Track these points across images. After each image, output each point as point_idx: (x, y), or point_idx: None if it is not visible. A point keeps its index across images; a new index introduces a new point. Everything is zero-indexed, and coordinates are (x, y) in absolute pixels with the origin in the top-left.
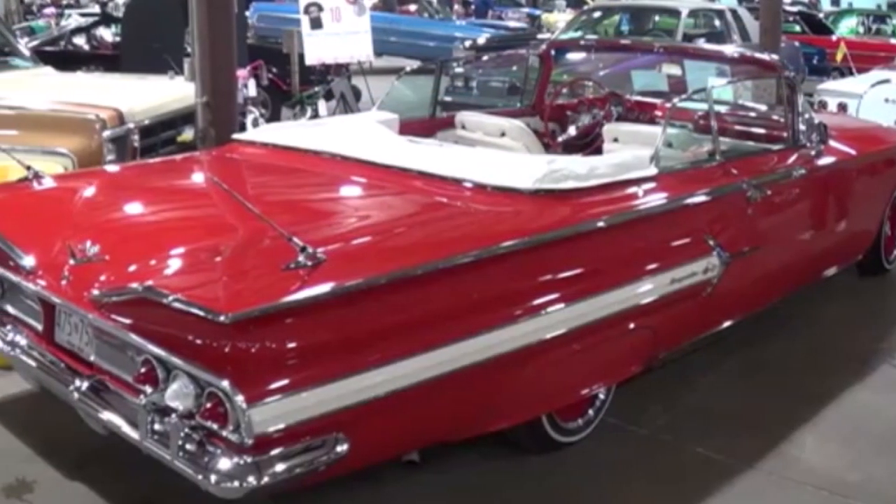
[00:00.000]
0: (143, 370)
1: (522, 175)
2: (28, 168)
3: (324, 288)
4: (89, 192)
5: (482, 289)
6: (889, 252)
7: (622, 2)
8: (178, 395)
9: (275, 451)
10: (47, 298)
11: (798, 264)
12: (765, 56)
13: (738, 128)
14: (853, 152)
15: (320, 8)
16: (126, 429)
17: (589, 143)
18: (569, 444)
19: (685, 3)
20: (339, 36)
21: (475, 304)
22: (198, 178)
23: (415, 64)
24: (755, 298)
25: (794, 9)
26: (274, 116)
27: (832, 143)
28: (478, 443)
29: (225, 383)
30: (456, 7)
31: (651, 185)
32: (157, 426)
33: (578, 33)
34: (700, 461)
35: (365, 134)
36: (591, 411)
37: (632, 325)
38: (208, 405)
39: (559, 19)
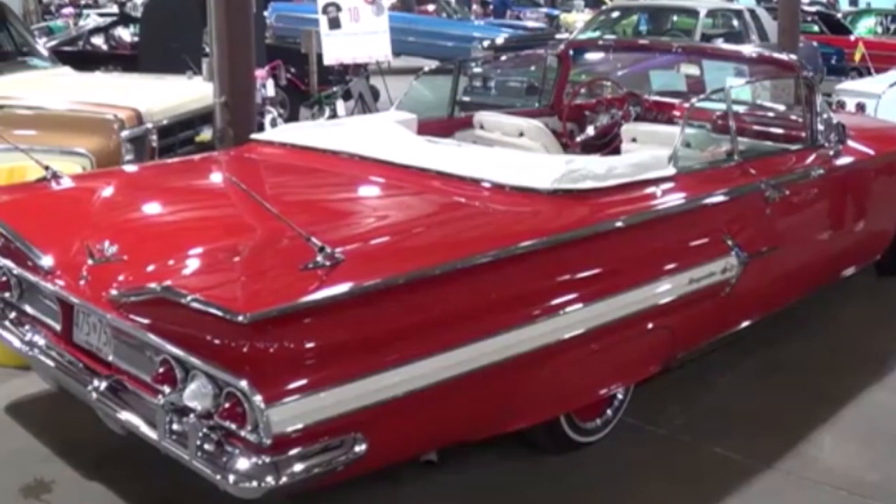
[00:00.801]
0: (161, 370)
1: (541, 175)
2: (46, 168)
3: (342, 288)
4: (107, 192)
5: (500, 289)
6: None
7: (640, 2)
8: (196, 395)
9: (293, 451)
10: (66, 298)
11: (816, 264)
12: (783, 56)
13: (756, 128)
14: (871, 152)
15: (338, 8)
16: (144, 429)
17: (607, 143)
18: (587, 444)
19: (703, 3)
20: (357, 36)
21: (493, 304)
22: (216, 178)
23: (433, 64)
24: (773, 298)
25: (813, 9)
26: (292, 116)
27: (850, 143)
28: (496, 443)
29: (243, 383)
30: (474, 7)
31: (669, 185)
32: (175, 426)
33: (597, 33)
34: (718, 461)
35: (383, 134)
36: (609, 411)
37: (650, 325)
38: (226, 405)
39: (577, 19)
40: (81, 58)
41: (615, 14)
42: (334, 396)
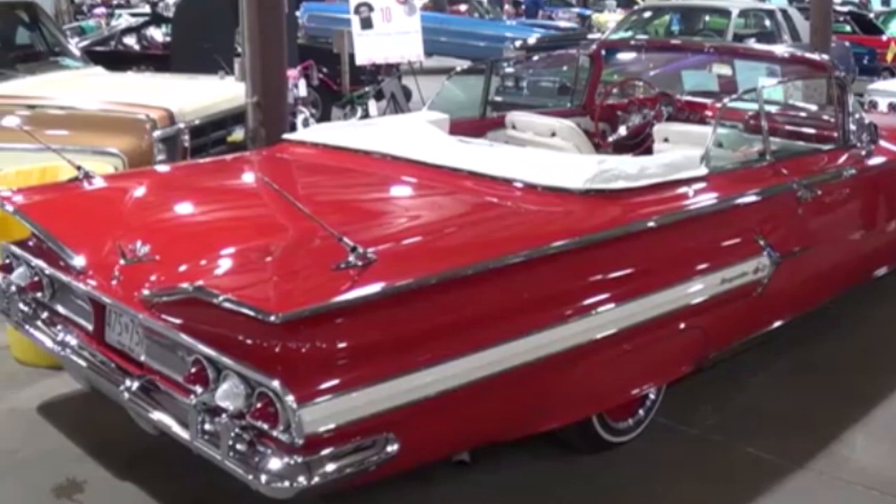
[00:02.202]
0: (193, 370)
1: (573, 175)
2: (78, 168)
3: (374, 288)
4: (140, 192)
5: (532, 289)
6: None
7: (672, 2)
8: (228, 395)
9: (325, 451)
10: (98, 298)
11: (848, 264)
12: (815, 56)
13: (788, 128)
14: None
15: (371, 8)
16: (176, 429)
17: (639, 143)
18: (619, 444)
19: (736, 3)
20: (389, 36)
21: (526, 304)
22: (248, 178)
23: (465, 64)
24: (805, 298)
25: (845, 9)
26: (324, 116)
27: (882, 142)
28: (528, 443)
29: (275, 383)
30: (506, 7)
31: (701, 185)
32: (207, 426)
33: (629, 33)
34: (750, 461)
35: (415, 134)
36: (641, 411)
37: (682, 325)
38: (259, 405)
39: (609, 19)
40: (113, 58)
41: (647, 14)
42: (366, 396)
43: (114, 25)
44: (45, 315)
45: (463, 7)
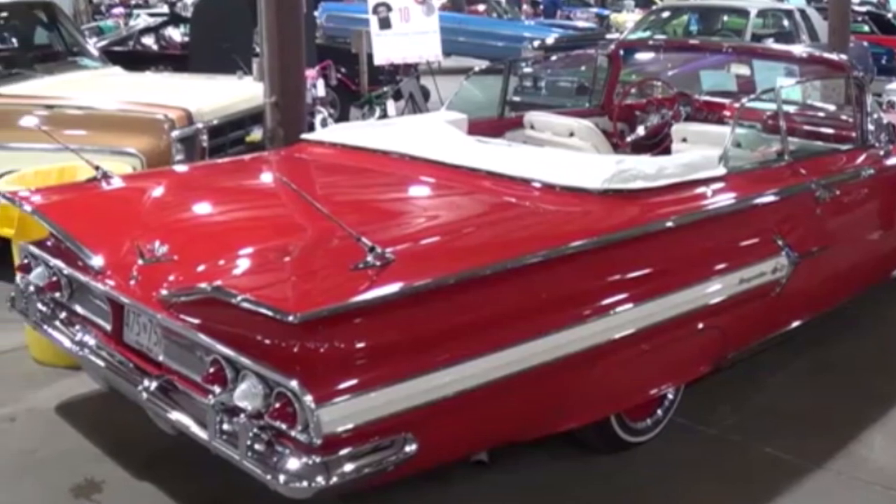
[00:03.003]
0: (211, 370)
1: (591, 175)
2: (97, 168)
3: (392, 288)
4: (158, 192)
5: (551, 289)
6: None
7: (691, 2)
8: (246, 395)
9: (343, 451)
10: (116, 298)
11: (867, 264)
12: (833, 56)
13: (806, 128)
14: None
15: (389, 8)
16: (195, 429)
17: (657, 143)
18: (637, 444)
19: (754, 3)
20: (407, 36)
21: (544, 304)
22: (266, 178)
23: (483, 64)
24: (824, 298)
25: (863, 9)
26: (343, 116)
27: None
28: (546, 443)
29: (294, 383)
30: (524, 7)
31: (720, 185)
32: (225, 426)
33: (647, 33)
34: (769, 461)
35: (433, 134)
36: (659, 411)
37: (700, 325)
38: (277, 405)
39: (628, 19)
40: (132, 58)
41: (665, 14)
42: (385, 396)
43: (132, 25)
44: (63, 315)
45: (481, 7)
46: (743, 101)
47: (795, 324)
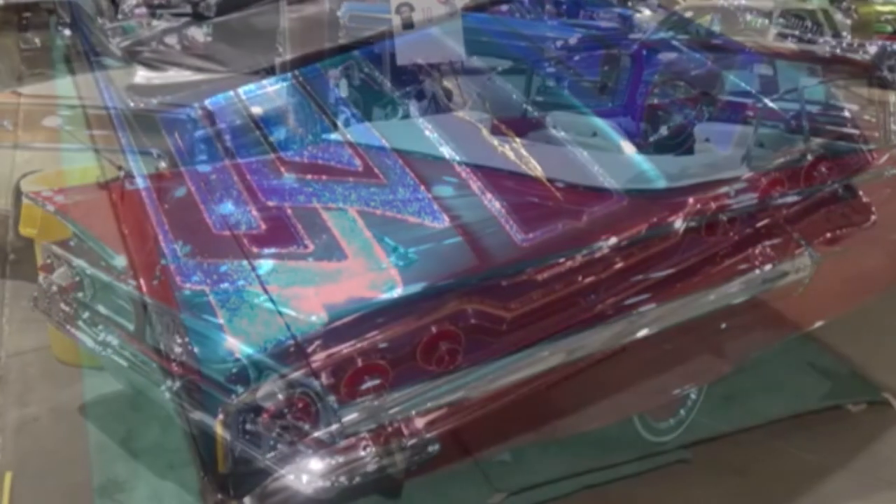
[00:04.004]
0: (234, 370)
1: (614, 175)
2: (119, 168)
3: (414, 289)
4: (181, 192)
5: (573, 289)
6: None
7: (713, 2)
8: (269, 395)
9: (365, 451)
10: (139, 298)
11: (891, 263)
12: (857, 56)
13: (829, 127)
14: None
15: (412, 8)
16: (217, 428)
17: (680, 144)
18: (661, 443)
19: (777, 3)
20: (430, 36)
21: (566, 305)
22: (289, 178)
23: (506, 64)
24: (847, 298)
25: (886, 8)
26: (365, 116)
27: None
28: (570, 443)
29: (316, 384)
30: (547, 7)
31: (742, 185)
32: (248, 426)
33: (670, 34)
34: (793, 461)
35: (456, 134)
36: (682, 411)
37: (723, 326)
38: (300, 405)
39: (651, 20)
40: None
41: (688, 14)
42: (407, 397)
43: (154, 25)
44: (85, 315)
45: (504, 7)
46: (766, 101)
47: (818, 324)
